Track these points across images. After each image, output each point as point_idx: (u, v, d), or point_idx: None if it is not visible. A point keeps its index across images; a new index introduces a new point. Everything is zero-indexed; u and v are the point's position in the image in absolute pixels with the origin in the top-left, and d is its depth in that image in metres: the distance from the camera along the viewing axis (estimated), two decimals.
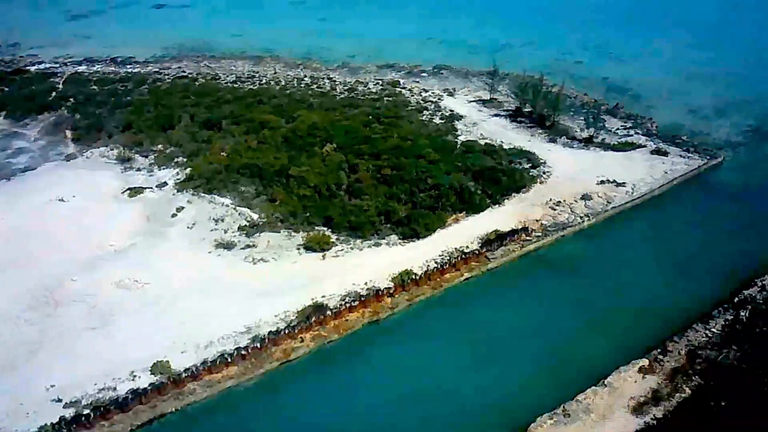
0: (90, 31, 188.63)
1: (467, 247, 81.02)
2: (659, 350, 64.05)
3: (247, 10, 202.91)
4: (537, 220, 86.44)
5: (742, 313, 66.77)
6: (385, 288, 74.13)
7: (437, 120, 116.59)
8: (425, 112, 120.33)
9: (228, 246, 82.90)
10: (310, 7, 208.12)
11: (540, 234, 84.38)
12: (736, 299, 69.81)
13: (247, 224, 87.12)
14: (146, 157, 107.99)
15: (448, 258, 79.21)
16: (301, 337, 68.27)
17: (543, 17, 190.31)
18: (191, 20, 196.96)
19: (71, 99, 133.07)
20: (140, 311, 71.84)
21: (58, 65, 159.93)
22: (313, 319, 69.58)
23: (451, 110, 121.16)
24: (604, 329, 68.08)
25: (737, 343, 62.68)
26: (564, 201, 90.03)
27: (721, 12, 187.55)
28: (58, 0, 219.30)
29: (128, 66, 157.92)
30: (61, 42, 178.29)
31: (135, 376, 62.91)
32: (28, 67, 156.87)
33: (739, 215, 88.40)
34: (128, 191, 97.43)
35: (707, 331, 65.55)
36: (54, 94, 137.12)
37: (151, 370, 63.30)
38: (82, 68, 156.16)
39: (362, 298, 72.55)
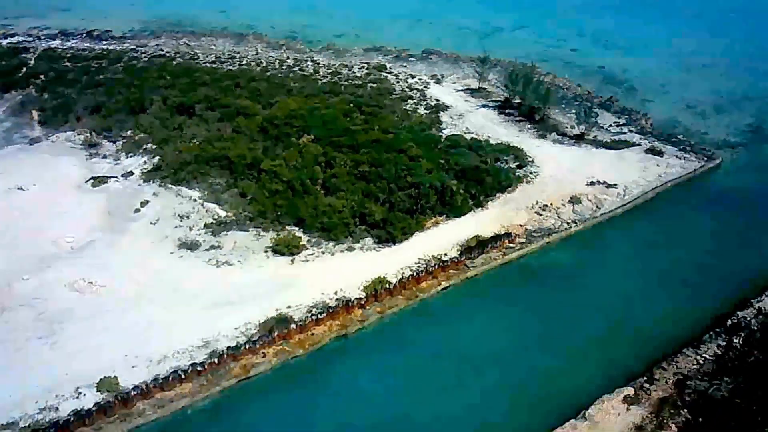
0: (67, 2, 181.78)
1: (446, 254, 76.06)
2: (646, 378, 59.35)
3: None
4: (521, 225, 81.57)
5: (735, 340, 62.05)
6: (356, 298, 69.20)
7: (422, 110, 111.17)
8: (410, 101, 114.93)
9: (192, 246, 77.76)
10: None
11: (524, 240, 79.53)
12: (729, 322, 65.00)
13: (214, 222, 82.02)
14: (114, 142, 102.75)
15: (425, 265, 74.24)
16: (262, 352, 63.39)
17: (538, 1, 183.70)
18: None
19: (41, 77, 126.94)
20: (92, 318, 66.60)
21: (31, 39, 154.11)
22: (276, 333, 64.64)
23: (437, 100, 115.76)
24: (587, 351, 63.30)
25: (729, 374, 58.03)
26: (551, 204, 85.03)
27: (722, 2, 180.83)
28: None
29: (104, 42, 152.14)
30: (38, 12, 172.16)
31: (80, 393, 57.83)
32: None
33: (736, 224, 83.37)
34: (92, 180, 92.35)
35: (698, 358, 60.89)
36: (24, 70, 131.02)
37: (97, 387, 58.24)
38: (56, 42, 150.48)
39: (330, 310, 67.58)
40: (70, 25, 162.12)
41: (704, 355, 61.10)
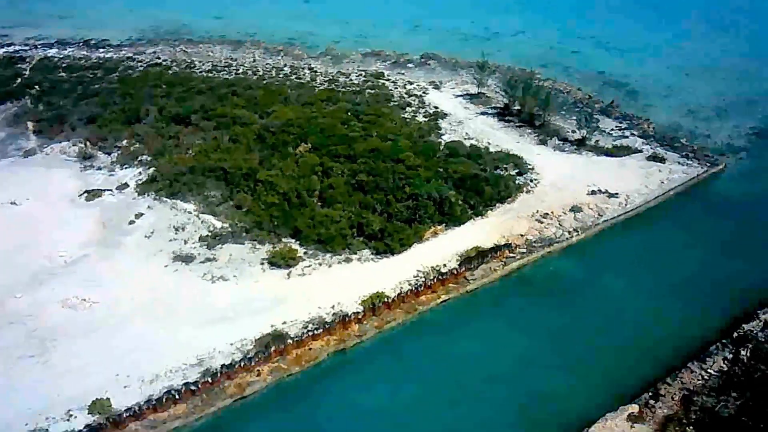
0: (66, 10, 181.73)
1: (445, 265, 74.52)
2: (650, 394, 57.77)
3: None
4: (522, 235, 79.93)
5: (743, 352, 60.41)
6: (354, 313, 67.74)
7: (420, 118, 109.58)
8: (408, 108, 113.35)
9: (186, 259, 76.41)
10: None
11: (524, 250, 77.88)
12: (736, 334, 63.35)
13: (210, 234, 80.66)
14: (109, 154, 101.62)
15: (424, 278, 72.73)
16: (257, 370, 62.01)
17: (538, 3, 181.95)
18: (171, 1, 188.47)
19: (37, 87, 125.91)
20: (84, 336, 65.37)
21: (28, 48, 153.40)
22: (273, 348, 63.27)
23: (435, 107, 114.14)
24: (591, 366, 61.63)
25: (737, 389, 56.41)
26: (552, 213, 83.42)
27: (724, 2, 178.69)
28: None
29: (101, 50, 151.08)
30: (35, 21, 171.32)
31: (71, 415, 56.63)
32: None
33: (741, 232, 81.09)
34: (86, 194, 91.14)
35: (704, 373, 59.26)
36: (19, 80, 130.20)
37: (89, 409, 56.90)
38: (52, 52, 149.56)
39: (327, 325, 66.15)
40: (68, 33, 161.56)
41: (710, 369, 59.50)
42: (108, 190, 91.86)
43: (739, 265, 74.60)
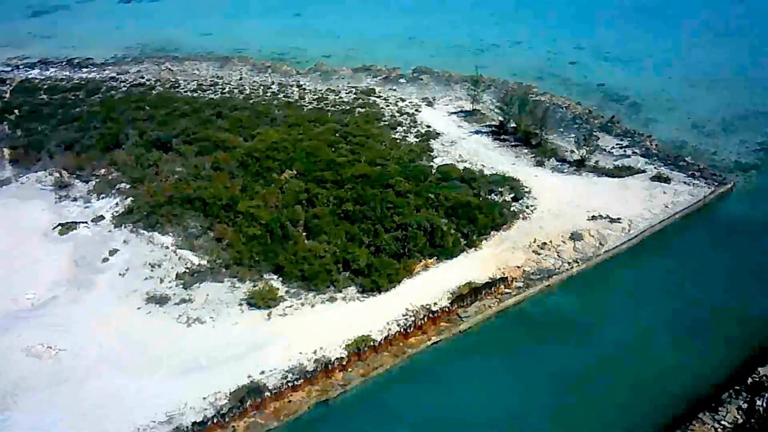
0: (51, 29, 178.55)
1: (436, 303, 69.62)
2: None
3: (218, 6, 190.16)
4: (518, 267, 74.97)
5: (759, 402, 55.33)
6: (337, 359, 62.99)
7: (412, 138, 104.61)
8: (399, 128, 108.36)
9: (161, 300, 71.72)
10: (285, 2, 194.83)
11: (521, 284, 72.89)
12: (750, 380, 58.27)
13: (187, 271, 75.97)
14: (86, 182, 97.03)
15: (414, 317, 67.86)
16: (232, 426, 57.31)
17: (534, 12, 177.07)
18: (159, 16, 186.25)
19: (16, 111, 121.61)
20: (48, 389, 60.83)
21: (9, 69, 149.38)
22: (249, 403, 58.53)
23: (428, 125, 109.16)
24: (593, 417, 56.70)
25: None
26: (550, 242, 78.38)
27: (728, 8, 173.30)
28: None
29: (84, 70, 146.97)
30: (18, 41, 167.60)
31: None
32: None
33: (753, 259, 75.59)
34: (59, 227, 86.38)
35: (716, 425, 54.24)
36: None
37: None
38: (34, 72, 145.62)
39: (309, 374, 61.39)
40: (51, 53, 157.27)
41: (723, 421, 54.46)
42: (83, 222, 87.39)
43: (752, 298, 69.45)
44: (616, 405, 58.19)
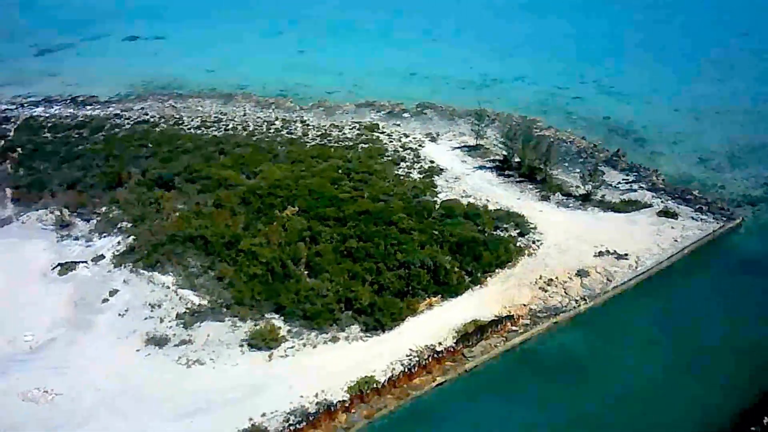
0: (56, 67, 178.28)
1: (440, 343, 68.22)
2: None
3: (223, 44, 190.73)
4: (525, 305, 73.60)
5: None
6: (340, 401, 61.49)
7: (415, 174, 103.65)
8: (402, 163, 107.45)
9: (160, 342, 70.44)
10: (289, 39, 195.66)
11: (528, 322, 71.53)
12: (766, 420, 56.47)
13: (187, 311, 74.80)
14: (88, 221, 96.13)
15: (418, 358, 66.40)
16: None
17: (538, 47, 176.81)
18: (163, 54, 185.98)
19: (19, 150, 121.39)
20: None
21: (14, 107, 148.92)
22: None
23: (431, 161, 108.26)
24: None
25: None
26: (556, 279, 77.06)
27: (733, 41, 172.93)
28: (26, 33, 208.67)
29: (88, 107, 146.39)
30: (23, 80, 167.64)
31: None
32: None
33: (763, 297, 74.36)
34: (59, 267, 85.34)
35: None
36: (2, 143, 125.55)
37: None
38: (38, 110, 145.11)
39: (311, 417, 59.86)
40: (56, 90, 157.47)
41: None
42: (83, 262, 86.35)
43: (764, 336, 67.77)
44: None
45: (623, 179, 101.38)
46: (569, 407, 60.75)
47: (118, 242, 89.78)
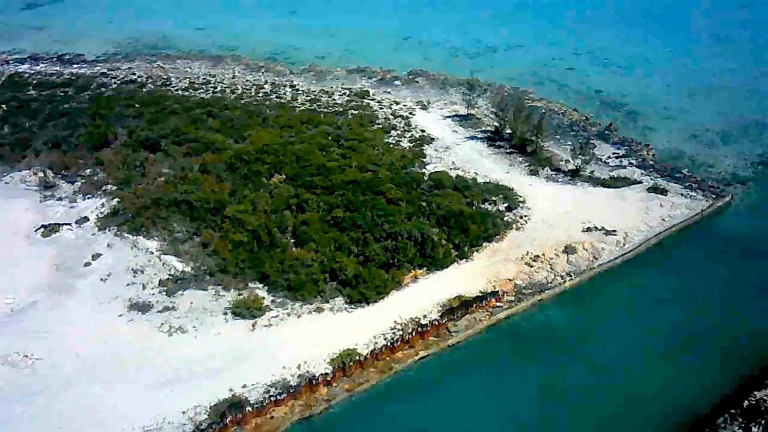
0: (44, 21, 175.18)
1: (425, 316, 67.84)
2: None
3: (215, 3, 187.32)
4: (510, 280, 73.25)
5: (755, 429, 53.63)
6: (322, 374, 61.22)
7: (405, 143, 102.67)
8: (393, 132, 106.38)
9: (143, 308, 69.72)
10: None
11: (513, 298, 71.25)
12: (746, 403, 56.57)
13: (170, 278, 73.93)
14: (72, 183, 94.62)
15: (401, 331, 66.04)
16: None
17: (533, 16, 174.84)
18: (154, 10, 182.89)
19: (3, 106, 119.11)
20: (21, 401, 58.72)
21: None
22: (229, 419, 56.70)
23: (422, 130, 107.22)
24: None
25: None
26: (543, 255, 76.62)
27: (731, 15, 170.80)
28: None
29: (75, 65, 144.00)
30: (9, 33, 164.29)
31: None
32: None
33: (751, 275, 73.83)
34: (42, 229, 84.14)
35: None
36: None
37: None
38: (24, 67, 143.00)
39: (292, 389, 59.59)
40: (42, 47, 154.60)
41: None
42: (66, 224, 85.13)
43: (750, 316, 67.81)
44: (606, 425, 56.93)
45: (614, 153, 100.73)
46: (550, 383, 60.80)
47: (102, 204, 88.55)
